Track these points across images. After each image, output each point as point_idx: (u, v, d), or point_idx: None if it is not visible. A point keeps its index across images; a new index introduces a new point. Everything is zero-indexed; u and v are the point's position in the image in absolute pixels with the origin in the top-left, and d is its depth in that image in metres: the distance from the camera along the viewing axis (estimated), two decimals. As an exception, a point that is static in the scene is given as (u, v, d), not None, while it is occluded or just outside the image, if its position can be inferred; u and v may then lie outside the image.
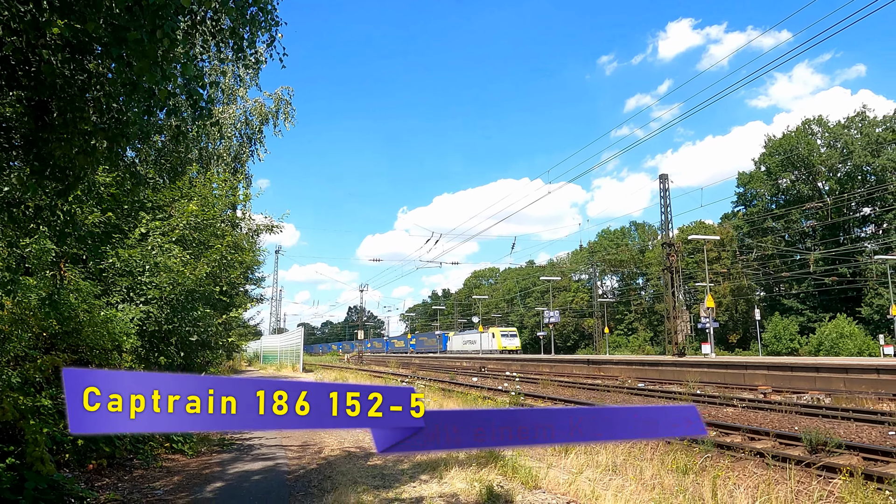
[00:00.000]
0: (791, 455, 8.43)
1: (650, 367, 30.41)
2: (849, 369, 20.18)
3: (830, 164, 54.99)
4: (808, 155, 55.67)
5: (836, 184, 54.96)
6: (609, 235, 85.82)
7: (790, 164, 57.37)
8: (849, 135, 54.60)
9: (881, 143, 51.89)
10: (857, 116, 55.95)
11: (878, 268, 47.54)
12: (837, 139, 55.28)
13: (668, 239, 34.96)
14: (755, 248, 58.32)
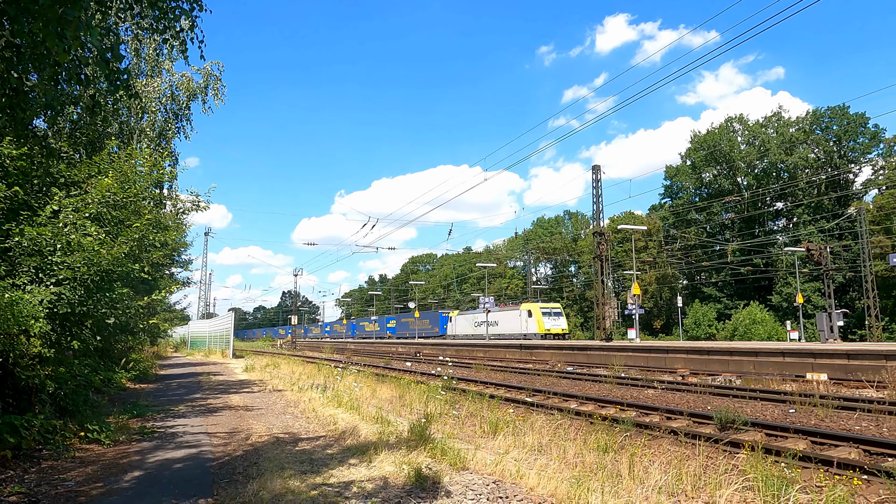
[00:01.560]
0: (702, 433, 8.98)
1: (579, 351, 31.49)
2: (758, 353, 21.63)
3: (749, 161, 58.32)
4: (729, 151, 58.80)
5: (754, 179, 58.39)
6: (544, 224, 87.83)
7: (713, 160, 60.41)
8: (766, 133, 58.03)
9: (794, 143, 55.49)
10: (774, 116, 59.55)
11: (788, 259, 51.05)
12: (756, 137, 58.64)
13: (599, 228, 36.13)
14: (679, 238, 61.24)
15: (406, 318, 74.27)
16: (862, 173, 55.20)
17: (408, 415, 10.30)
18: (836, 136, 54.77)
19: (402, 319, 75.46)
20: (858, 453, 7.85)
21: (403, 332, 72.82)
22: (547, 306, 49.90)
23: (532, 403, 12.76)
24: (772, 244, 55.15)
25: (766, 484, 5.58)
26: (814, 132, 55.58)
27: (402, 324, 74.89)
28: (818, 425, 9.84)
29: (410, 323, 72.12)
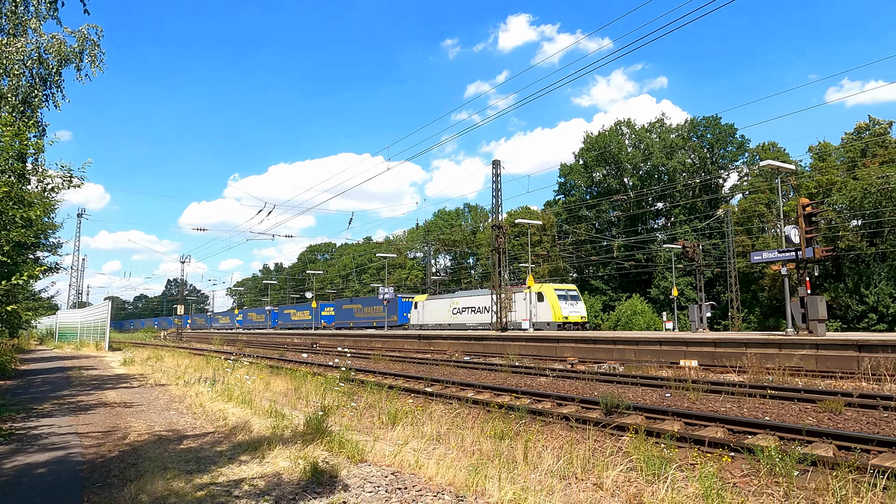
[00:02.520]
0: (590, 418, 9.49)
1: (476, 341, 32.24)
2: (639, 342, 23.25)
3: (635, 163, 62.41)
4: (617, 153, 62.56)
5: (638, 180, 62.58)
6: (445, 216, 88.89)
7: (603, 160, 64.00)
8: (650, 138, 62.34)
9: (674, 148, 60.08)
10: (658, 123, 64.10)
11: (665, 255, 55.30)
12: (641, 141, 62.83)
13: (497, 222, 37.09)
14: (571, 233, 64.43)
15: (350, 306, 62.52)
16: (730, 179, 60.99)
17: (304, 408, 9.99)
18: (709, 144, 59.97)
19: (343, 307, 63.88)
20: (724, 432, 8.65)
21: (346, 320, 61.61)
22: (562, 287, 39.90)
23: (431, 393, 12.86)
24: (652, 241, 59.48)
25: (648, 464, 5.97)
26: (691, 139, 60.50)
27: (344, 311, 63.30)
28: (690, 408, 10.73)
29: (356, 310, 60.48)
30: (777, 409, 10.41)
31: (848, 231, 45.40)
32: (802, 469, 6.28)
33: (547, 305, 37.88)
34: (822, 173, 49.25)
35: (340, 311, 63.70)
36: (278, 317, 77.50)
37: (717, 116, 58.59)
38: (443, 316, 45.83)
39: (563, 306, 37.78)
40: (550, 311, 37.57)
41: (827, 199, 45.07)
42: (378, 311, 55.84)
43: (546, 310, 37.85)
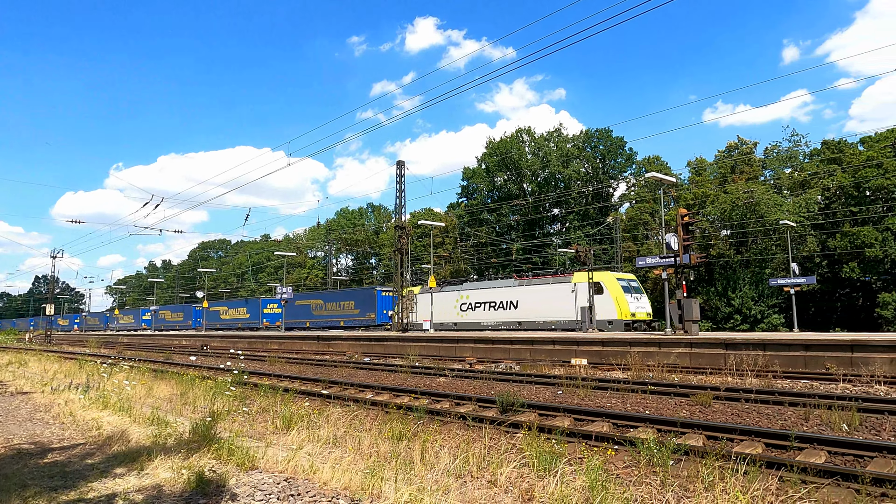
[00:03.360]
0: (487, 416, 9.71)
1: (376, 342, 32.02)
2: (534, 342, 24.15)
3: (534, 170, 64.89)
4: (518, 159, 64.76)
5: (537, 186, 65.14)
6: (347, 215, 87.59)
7: (504, 166, 65.98)
8: (548, 147, 65.11)
9: (570, 157, 63.17)
10: (555, 132, 67.09)
11: (560, 258, 57.96)
12: (540, 149, 65.46)
13: (400, 222, 37.08)
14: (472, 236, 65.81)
15: (307, 301, 51.24)
16: (619, 188, 65.08)
17: (191, 414, 9.40)
18: (601, 155, 63.66)
19: (297, 302, 52.59)
20: (610, 426, 9.17)
21: (299, 319, 51.64)
22: (624, 277, 32.62)
23: (328, 395, 12.58)
24: (548, 245, 62.15)
25: (540, 459, 6.20)
26: (585, 150, 63.90)
27: (297, 309, 52.24)
28: (580, 404, 11.28)
29: (314, 307, 50.23)
30: (656, 404, 11.20)
31: (719, 240, 49.95)
32: (677, 458, 6.80)
33: (609, 299, 30.44)
34: (699, 186, 53.83)
35: (292, 309, 51.88)
36: (202, 315, 66.79)
37: (609, 129, 62.37)
38: (446, 313, 37.91)
39: (631, 301, 30.99)
40: (614, 307, 30.07)
41: (702, 210, 49.31)
42: (348, 308, 47.18)
43: (608, 305, 30.32)
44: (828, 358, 16.48)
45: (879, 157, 43.06)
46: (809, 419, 9.29)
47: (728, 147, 56.44)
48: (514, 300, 34.12)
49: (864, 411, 9.60)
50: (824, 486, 5.94)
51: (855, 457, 7.11)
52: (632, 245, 55.16)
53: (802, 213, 44.34)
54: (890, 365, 15.43)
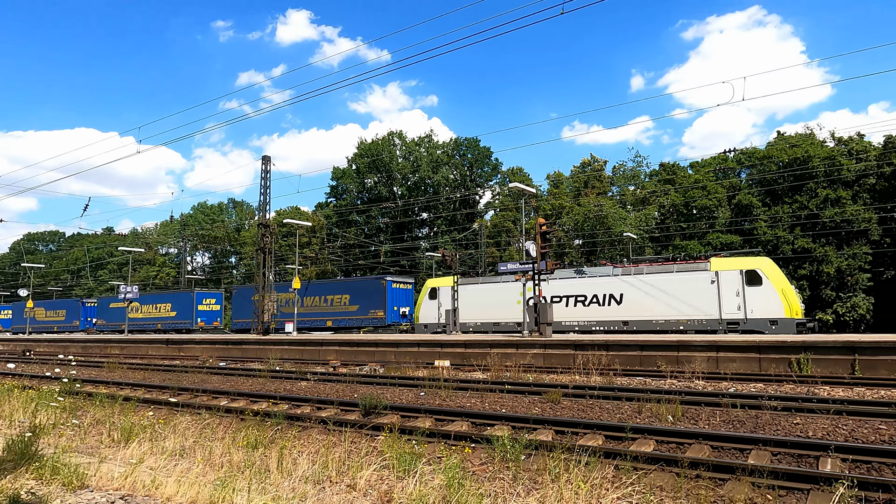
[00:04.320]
0: (349, 420, 9.60)
1: (234, 345, 30.31)
2: (399, 344, 24.33)
3: (404, 173, 65.52)
4: (389, 162, 65.01)
5: (407, 190, 65.82)
6: (206, 210, 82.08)
7: (375, 168, 65.88)
8: (419, 152, 66.14)
9: (439, 163, 64.67)
10: (426, 138, 68.33)
11: (427, 262, 59.06)
12: (411, 153, 66.29)
13: (265, 220, 35.51)
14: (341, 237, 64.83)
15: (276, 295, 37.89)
16: (485, 196, 67.83)
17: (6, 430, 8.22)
18: (469, 163, 65.95)
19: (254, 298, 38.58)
20: (468, 425, 9.49)
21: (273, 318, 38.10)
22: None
23: (176, 404, 11.68)
24: (416, 248, 63.04)
25: (400, 461, 6.25)
26: (454, 157, 65.82)
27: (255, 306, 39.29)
28: (441, 405, 11.55)
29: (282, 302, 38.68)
30: (512, 402, 11.80)
31: (572, 248, 53.95)
32: (528, 453, 7.22)
33: (771, 292, 24.00)
34: (556, 198, 57.78)
35: (249, 305, 38.96)
36: (95, 314, 54.45)
37: (477, 139, 64.82)
38: (485, 310, 30.68)
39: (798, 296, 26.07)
40: (780, 302, 23.84)
41: (559, 220, 52.96)
42: (341, 305, 37.80)
43: (770, 300, 23.98)
44: (659, 357, 18.45)
45: (704, 181, 49.28)
46: (642, 412, 10.33)
47: (582, 163, 61.25)
48: (616, 293, 27.07)
49: (685, 403, 10.87)
50: (652, 472, 6.65)
51: (677, 444, 8.03)
52: (495, 251, 57.72)
53: (642, 226, 49.31)
54: (707, 363, 17.66)
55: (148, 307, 51.48)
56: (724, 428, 9.06)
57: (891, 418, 9.21)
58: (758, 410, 10.14)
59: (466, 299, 31.28)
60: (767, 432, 8.61)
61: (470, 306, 31.04)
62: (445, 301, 32.02)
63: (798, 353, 16.55)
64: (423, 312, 33.74)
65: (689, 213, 49.76)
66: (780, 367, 16.66)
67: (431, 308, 33.29)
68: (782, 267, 33.67)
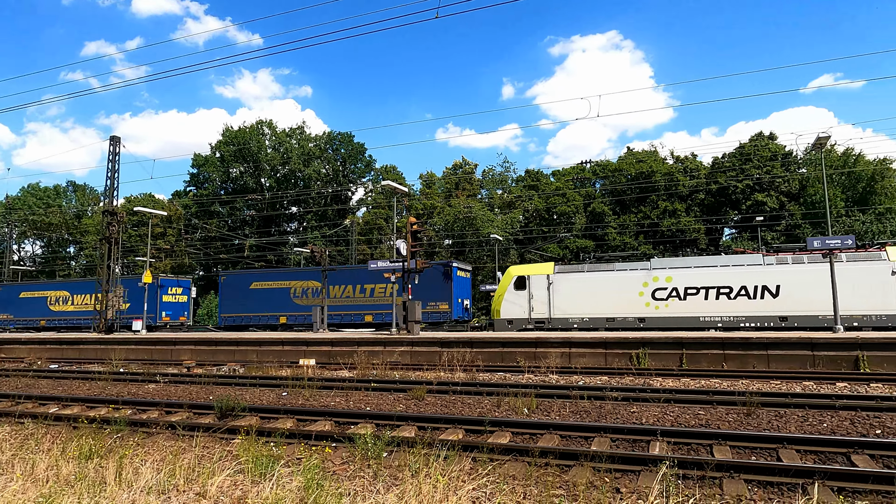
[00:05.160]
0: (202, 423, 9.03)
1: (69, 345, 27.16)
2: (262, 343, 23.32)
3: (273, 165, 62.87)
4: (257, 152, 62.00)
5: (275, 182, 63.23)
6: (39, 192, 72.52)
7: (242, 157, 62.49)
8: (290, 143, 63.83)
9: (311, 156, 62.91)
10: (299, 129, 66.12)
11: (295, 258, 57.23)
12: (282, 144, 63.76)
13: (111, 207, 32.23)
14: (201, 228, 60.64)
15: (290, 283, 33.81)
16: (357, 192, 67.16)
17: None
18: (342, 158, 64.89)
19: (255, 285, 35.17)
20: (332, 425, 9.35)
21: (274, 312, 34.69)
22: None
23: (-7, 412, 10.23)
24: (284, 243, 60.77)
25: (256, 464, 6.00)
26: (327, 151, 64.39)
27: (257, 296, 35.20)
28: (304, 405, 11.26)
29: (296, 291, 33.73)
30: (377, 400, 11.81)
31: (443, 248, 55.20)
32: (390, 450, 7.27)
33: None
34: (428, 198, 58.76)
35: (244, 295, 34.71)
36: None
37: (351, 134, 63.98)
38: (595, 304, 27.13)
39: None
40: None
41: (430, 220, 53.90)
42: (389, 294, 30.55)
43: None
44: (519, 353, 19.49)
45: (564, 189, 52.88)
46: (501, 406, 10.85)
47: (454, 165, 62.91)
48: (772, 285, 24.53)
49: (540, 397, 11.59)
50: (506, 462, 7.01)
51: (531, 435, 8.54)
52: (366, 248, 57.36)
53: (508, 228, 51.77)
54: (561, 358, 18.97)
55: (82, 298, 40.51)
56: (572, 418, 9.80)
57: (708, 405, 10.53)
58: (602, 401, 11.09)
59: (567, 290, 27.64)
60: (609, 421, 9.45)
61: (572, 298, 27.23)
62: (539, 292, 28.13)
63: (638, 349, 18.34)
64: (507, 306, 28.91)
65: (550, 217, 53.07)
66: (623, 361, 18.35)
67: (518, 300, 28.62)
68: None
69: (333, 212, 62.32)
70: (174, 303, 39.28)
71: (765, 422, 9.14)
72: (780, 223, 44.40)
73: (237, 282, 36.05)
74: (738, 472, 6.39)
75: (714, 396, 10.89)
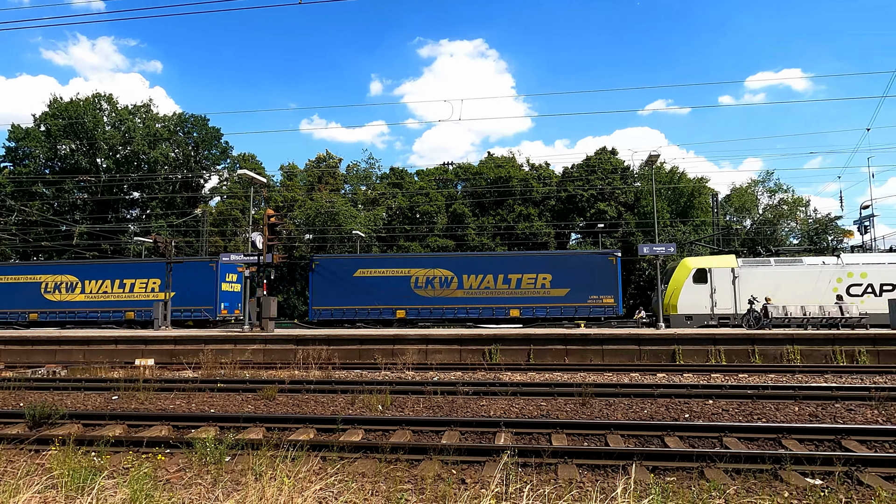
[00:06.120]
0: (7, 434, 7.88)
1: None
2: (90, 341, 20.96)
3: (112, 144, 56.65)
4: (93, 128, 55.48)
5: (114, 164, 57.06)
6: None
7: (73, 133, 55.58)
8: (133, 121, 57.96)
9: (159, 138, 57.66)
10: (144, 108, 60.24)
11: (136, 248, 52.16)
12: (123, 122, 57.66)
13: None
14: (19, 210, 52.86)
15: (401, 271, 30.02)
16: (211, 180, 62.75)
17: None
18: (195, 143, 60.23)
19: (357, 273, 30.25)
20: (169, 429, 8.64)
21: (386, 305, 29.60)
22: None
23: None
24: (124, 231, 55.10)
25: (73, 477, 5.36)
26: (177, 133, 59.38)
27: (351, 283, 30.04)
28: (138, 409, 10.29)
29: (419, 280, 29.66)
30: (223, 402, 11.13)
31: (303, 242, 53.53)
32: (234, 454, 6.88)
33: None
34: (289, 190, 56.62)
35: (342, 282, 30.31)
36: None
37: (206, 117, 59.59)
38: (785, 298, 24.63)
39: None
40: None
41: (290, 213, 51.98)
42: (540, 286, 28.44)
43: None
44: (377, 350, 19.49)
45: (428, 188, 53.86)
46: (355, 404, 10.76)
47: (318, 158, 61.28)
48: None
49: (395, 393, 11.68)
50: (357, 460, 6.96)
51: (384, 431, 8.57)
52: (219, 240, 53.87)
53: (371, 225, 51.55)
54: (418, 354, 19.29)
55: (96, 285, 32.30)
56: (425, 413, 10.00)
57: (550, 396, 11.32)
58: (454, 396, 11.45)
59: (754, 284, 26.15)
60: (459, 415, 9.79)
61: (759, 293, 25.54)
62: (722, 285, 26.48)
63: (490, 345, 19.21)
64: (686, 299, 26.74)
65: (413, 216, 53.75)
66: (477, 357, 19.13)
67: (699, 294, 26.69)
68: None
69: (183, 200, 57.71)
70: (231, 292, 33.32)
71: (597, 410, 10.03)
72: (618, 230, 49.10)
73: (336, 268, 31.08)
74: (571, 457, 6.94)
75: (556, 389, 11.73)
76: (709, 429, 8.13)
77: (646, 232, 46.79)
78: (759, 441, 7.82)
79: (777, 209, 49.87)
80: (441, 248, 48.49)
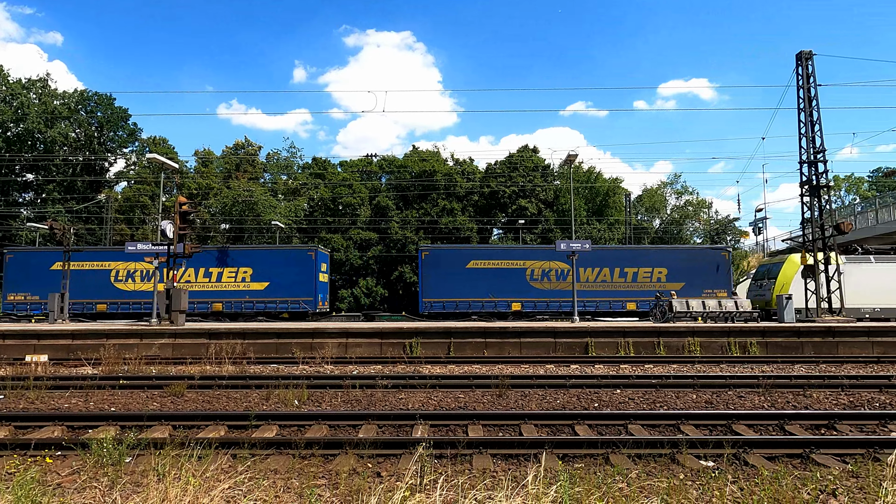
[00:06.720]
0: None
1: None
2: (-26, 336, 19.11)
3: (2, 121, 51.76)
4: (-22, 102, 50.42)
5: (4, 143, 52.17)
6: None
7: (-46, 106, 50.25)
8: (27, 97, 53.20)
9: (57, 117, 53.24)
10: (40, 82, 55.41)
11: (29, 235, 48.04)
12: (15, 97, 52.79)
13: None
14: None
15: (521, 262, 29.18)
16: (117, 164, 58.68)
17: None
18: (98, 123, 56.12)
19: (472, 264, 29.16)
20: (63, 430, 8.05)
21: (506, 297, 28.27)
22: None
23: None
24: (15, 216, 50.58)
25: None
26: (79, 112, 55.09)
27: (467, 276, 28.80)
28: (27, 409, 9.52)
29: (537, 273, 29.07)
30: (126, 399, 10.49)
31: (219, 232, 51.23)
32: (136, 454, 6.50)
33: None
34: (204, 177, 53.98)
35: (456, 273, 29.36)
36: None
37: (112, 96, 55.62)
38: (880, 295, 25.51)
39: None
40: None
41: (205, 201, 49.57)
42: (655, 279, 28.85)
43: None
44: (295, 344, 19.01)
45: (351, 180, 53.06)
46: (270, 399, 10.46)
47: (236, 145, 58.76)
48: None
49: (312, 387, 11.46)
50: (270, 457, 6.77)
51: (299, 427, 8.38)
52: (126, 228, 50.59)
53: (292, 216, 50.15)
54: (338, 348, 19.00)
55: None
56: (343, 407, 9.87)
57: (468, 388, 11.50)
58: (373, 389, 11.39)
59: (858, 280, 26.39)
60: (377, 408, 9.74)
61: (862, 288, 26.05)
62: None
63: (411, 338, 19.23)
64: (795, 295, 25.66)
65: (335, 208, 52.80)
66: (397, 350, 19.09)
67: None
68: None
69: (84, 184, 53.67)
70: (325, 283, 31.91)
71: (513, 401, 10.29)
72: (538, 226, 50.50)
73: (447, 259, 29.98)
74: (486, 447, 7.08)
75: (474, 381, 11.93)
76: (616, 417, 8.54)
77: (564, 228, 48.44)
78: (661, 427, 8.31)
79: (683, 210, 53.11)
80: (364, 241, 47.94)
